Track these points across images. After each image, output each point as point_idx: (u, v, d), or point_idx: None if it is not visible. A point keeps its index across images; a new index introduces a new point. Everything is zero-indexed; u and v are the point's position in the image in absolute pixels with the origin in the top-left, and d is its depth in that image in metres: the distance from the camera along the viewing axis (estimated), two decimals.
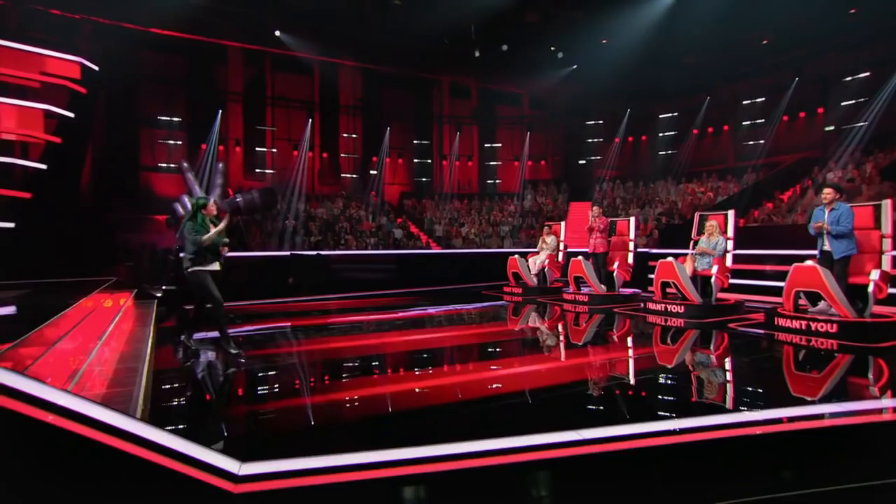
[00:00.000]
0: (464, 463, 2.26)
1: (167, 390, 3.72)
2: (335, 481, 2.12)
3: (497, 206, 18.15)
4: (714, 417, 3.04)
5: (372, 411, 3.49)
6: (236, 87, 16.86)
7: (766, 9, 13.78)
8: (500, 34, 16.31)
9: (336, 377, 4.43)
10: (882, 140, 13.90)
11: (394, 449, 2.37)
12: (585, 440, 2.53)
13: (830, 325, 5.28)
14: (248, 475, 2.16)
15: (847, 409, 3.21)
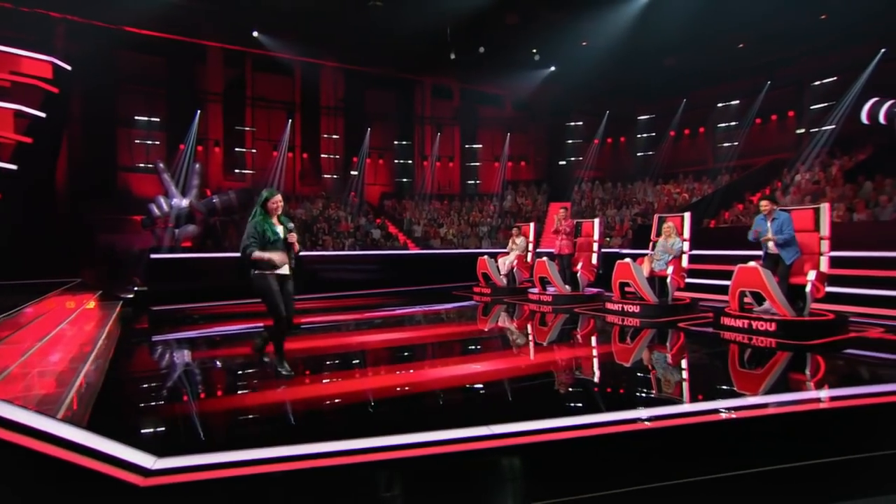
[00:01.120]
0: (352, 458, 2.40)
1: (107, 391, 3.80)
2: (240, 474, 2.24)
3: (476, 207, 18.32)
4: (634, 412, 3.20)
5: (304, 408, 3.62)
6: (216, 87, 16.85)
7: (742, 13, 14.01)
8: (481, 36, 16.46)
9: (278, 377, 4.51)
10: (847, 143, 14.26)
11: (295, 445, 2.50)
12: (495, 434, 2.68)
13: (770, 324, 5.48)
14: (162, 469, 2.28)
15: (747, 403, 3.39)
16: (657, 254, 7.38)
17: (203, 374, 4.70)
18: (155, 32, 14.55)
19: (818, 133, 14.92)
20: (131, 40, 14.34)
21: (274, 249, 3.98)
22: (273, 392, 3.91)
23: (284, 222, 4.16)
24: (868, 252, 8.04)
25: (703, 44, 15.94)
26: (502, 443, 2.59)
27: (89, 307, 7.18)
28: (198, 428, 3.14)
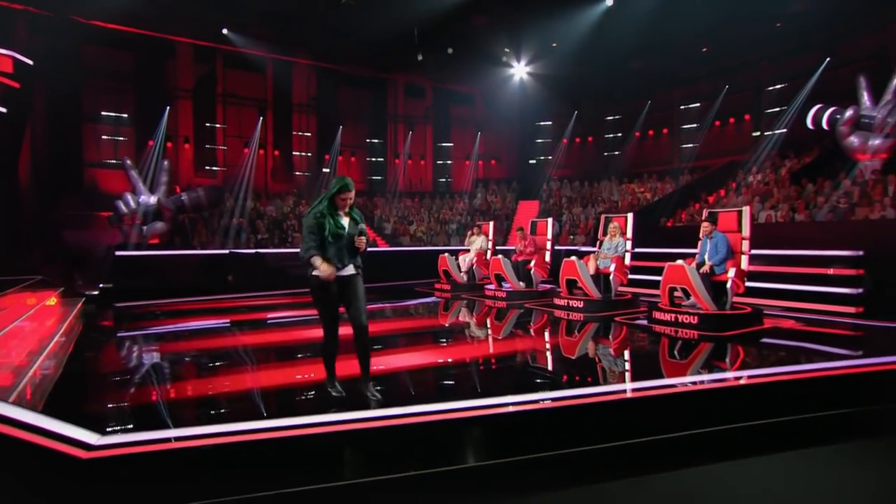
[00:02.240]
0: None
1: (64, 381, 4.05)
2: (170, 448, 2.58)
3: (447, 205, 18.68)
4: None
5: (234, 392, 3.94)
6: (186, 83, 16.84)
7: (705, 19, 14.44)
8: (450, 36, 16.78)
9: (222, 367, 4.80)
10: (797, 146, 15.02)
11: (224, 424, 2.84)
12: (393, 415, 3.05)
13: (692, 318, 5.98)
14: (104, 444, 2.59)
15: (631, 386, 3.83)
16: (602, 252, 7.84)
17: (155, 365, 4.96)
18: (122, 27, 14.52)
19: (770, 136, 15.68)
20: (98, 35, 14.27)
21: (335, 247, 3.40)
22: (217, 380, 4.21)
23: (356, 219, 3.54)
24: (803, 251, 8.60)
25: (668, 48, 16.49)
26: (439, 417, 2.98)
27: (50, 303, 7.33)
28: (143, 411, 3.45)
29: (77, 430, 2.63)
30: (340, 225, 3.44)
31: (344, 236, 3.44)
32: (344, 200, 3.47)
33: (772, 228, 11.56)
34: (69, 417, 2.85)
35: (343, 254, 3.45)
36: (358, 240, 3.46)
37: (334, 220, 3.41)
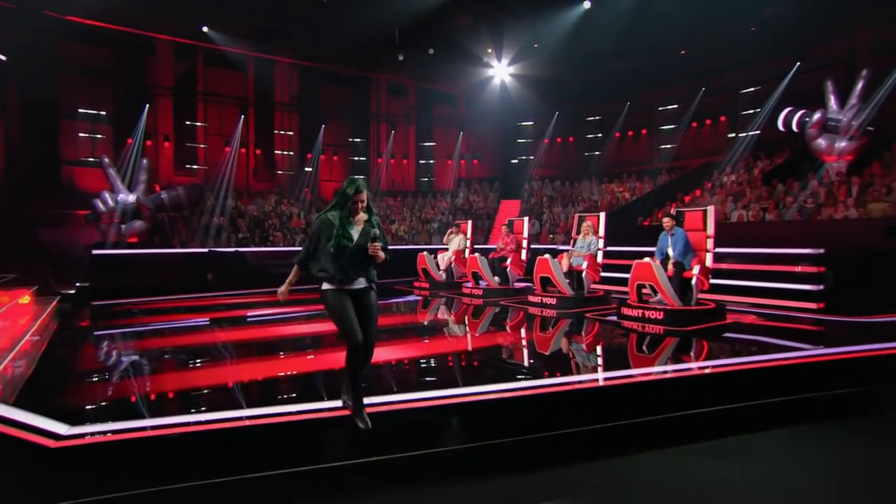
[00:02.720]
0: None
1: (37, 376, 4.11)
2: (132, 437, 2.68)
3: (429, 204, 18.80)
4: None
5: (202, 386, 4.03)
6: (166, 81, 16.72)
7: (683, 22, 14.64)
8: (432, 36, 16.89)
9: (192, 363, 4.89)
10: (769, 147, 15.44)
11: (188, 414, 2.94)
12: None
13: (659, 313, 6.19)
14: (72, 434, 2.69)
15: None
16: (576, 250, 8.04)
17: (127, 361, 5.01)
18: (100, 23, 14.37)
19: (744, 137, 16.08)
20: (74, 30, 14.10)
21: (339, 259, 3.00)
22: (185, 374, 4.30)
23: (370, 224, 3.14)
24: (769, 249, 8.89)
25: (647, 49, 16.77)
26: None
27: (23, 302, 7.31)
28: (112, 405, 3.53)
29: (46, 422, 2.72)
30: (348, 235, 3.04)
31: (349, 247, 3.02)
32: (357, 204, 3.08)
33: (742, 227, 11.90)
34: (40, 410, 2.94)
35: (350, 266, 3.03)
36: (371, 247, 3.01)
37: (343, 228, 3.03)
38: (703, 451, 3.42)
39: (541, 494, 2.77)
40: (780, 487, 2.97)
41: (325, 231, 3.07)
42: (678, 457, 3.31)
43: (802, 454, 3.45)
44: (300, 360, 5.03)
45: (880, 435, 3.78)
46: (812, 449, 3.52)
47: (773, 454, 3.43)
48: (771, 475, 3.13)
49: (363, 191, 3.11)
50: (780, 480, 3.06)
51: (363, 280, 3.12)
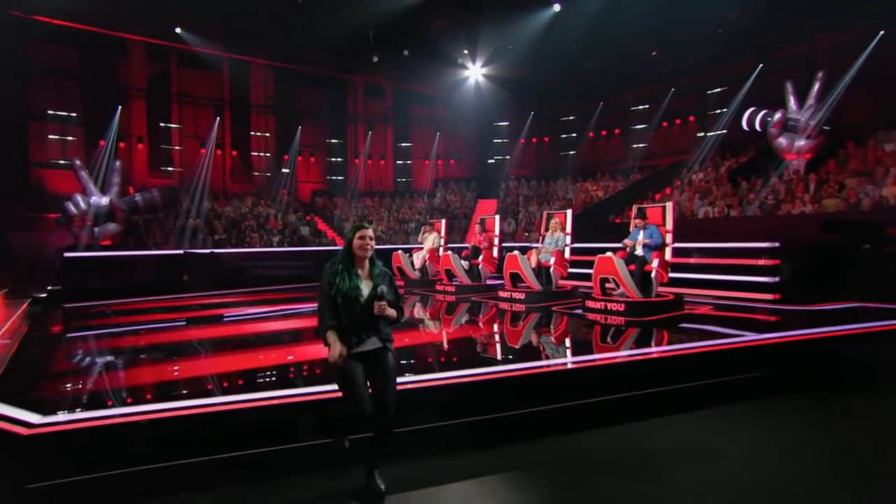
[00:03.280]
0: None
1: (6, 372, 4.18)
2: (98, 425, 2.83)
3: (407, 204, 18.96)
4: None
5: (171, 379, 4.17)
6: (139, 82, 16.57)
7: (652, 23, 14.92)
8: (407, 38, 17.03)
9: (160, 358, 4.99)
10: (735, 146, 15.98)
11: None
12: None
13: (620, 305, 6.48)
14: (44, 423, 2.81)
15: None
16: (544, 247, 8.30)
17: (98, 358, 5.09)
18: (68, 23, 14.20)
19: (711, 137, 16.61)
20: (41, 30, 13.92)
21: (350, 316, 2.67)
22: (155, 369, 4.42)
23: (377, 276, 2.79)
24: (729, 244, 9.28)
25: (620, 50, 17.08)
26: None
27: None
28: (82, 397, 3.64)
29: (19, 412, 2.85)
30: (355, 286, 2.68)
31: (360, 303, 2.68)
32: (363, 248, 2.74)
33: (708, 223, 12.34)
34: (12, 403, 3.05)
35: (362, 324, 2.68)
36: (377, 306, 2.65)
37: (350, 279, 2.68)
38: (647, 427, 3.68)
39: (498, 467, 2.99)
40: (723, 457, 3.23)
41: (331, 281, 2.70)
42: (628, 433, 3.56)
43: (746, 429, 3.73)
44: (270, 354, 5.16)
45: (823, 410, 4.09)
46: (754, 424, 3.81)
47: (716, 428, 3.70)
48: (714, 447, 3.39)
49: (368, 228, 2.82)
50: (723, 451, 3.32)
51: (376, 339, 2.73)
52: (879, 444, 3.46)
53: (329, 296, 2.69)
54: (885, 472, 3.08)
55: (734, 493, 2.77)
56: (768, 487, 2.81)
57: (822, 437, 3.60)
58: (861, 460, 3.22)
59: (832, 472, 3.06)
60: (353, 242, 2.78)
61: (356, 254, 2.77)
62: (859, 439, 3.55)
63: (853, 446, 3.44)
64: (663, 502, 2.69)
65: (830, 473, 3.03)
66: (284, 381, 4.16)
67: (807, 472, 3.04)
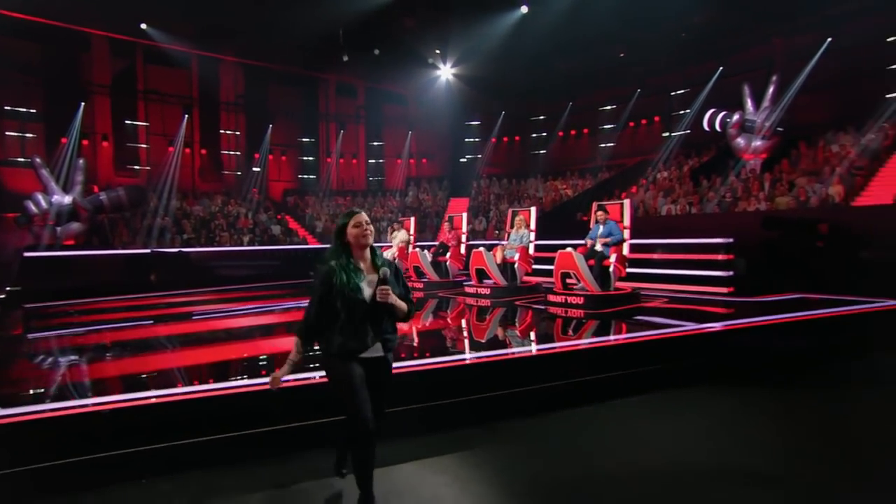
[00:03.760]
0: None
1: None
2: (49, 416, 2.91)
3: (379, 203, 19.02)
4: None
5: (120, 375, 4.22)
6: (103, 78, 16.22)
7: (622, 25, 15.26)
8: (379, 37, 17.09)
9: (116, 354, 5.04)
10: (698, 146, 16.53)
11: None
12: None
13: (579, 298, 6.72)
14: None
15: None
16: (509, 243, 8.51)
17: (55, 354, 5.08)
18: (28, 16, 13.82)
19: (675, 137, 17.14)
20: (2, 24, 13.49)
21: (350, 318, 2.30)
22: (113, 364, 4.46)
23: (380, 264, 2.39)
24: (687, 239, 9.64)
25: (588, 52, 17.42)
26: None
27: None
28: (38, 390, 3.68)
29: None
30: (354, 285, 2.30)
31: (363, 302, 2.32)
32: (362, 236, 2.36)
33: (670, 220, 12.77)
34: None
35: (365, 327, 2.32)
36: (380, 291, 2.29)
37: (347, 275, 2.30)
38: (585, 412, 3.89)
39: (448, 449, 3.16)
40: (662, 439, 3.46)
41: (326, 280, 2.31)
42: (576, 417, 3.77)
43: (686, 413, 3.98)
44: (232, 348, 5.22)
45: (749, 395, 4.38)
46: (692, 408, 4.06)
47: (650, 413, 3.94)
48: (657, 429, 3.63)
49: (361, 215, 2.41)
50: (665, 433, 3.56)
51: (380, 346, 2.38)
52: (806, 424, 3.75)
53: (318, 295, 2.29)
54: (810, 449, 3.35)
55: (666, 473, 2.99)
56: (700, 468, 3.04)
57: (749, 422, 3.87)
58: (787, 438, 3.49)
59: (761, 451, 3.31)
60: (346, 231, 2.37)
61: (353, 244, 2.37)
62: (785, 421, 3.84)
63: (781, 427, 3.72)
64: (596, 479, 2.89)
65: (758, 453, 3.29)
66: (246, 372, 4.25)
67: (737, 451, 3.29)
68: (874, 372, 5.02)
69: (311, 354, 2.74)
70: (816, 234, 8.67)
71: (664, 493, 2.70)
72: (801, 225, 9.04)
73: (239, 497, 2.73)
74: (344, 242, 2.38)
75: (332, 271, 2.31)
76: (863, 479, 2.86)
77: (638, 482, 2.82)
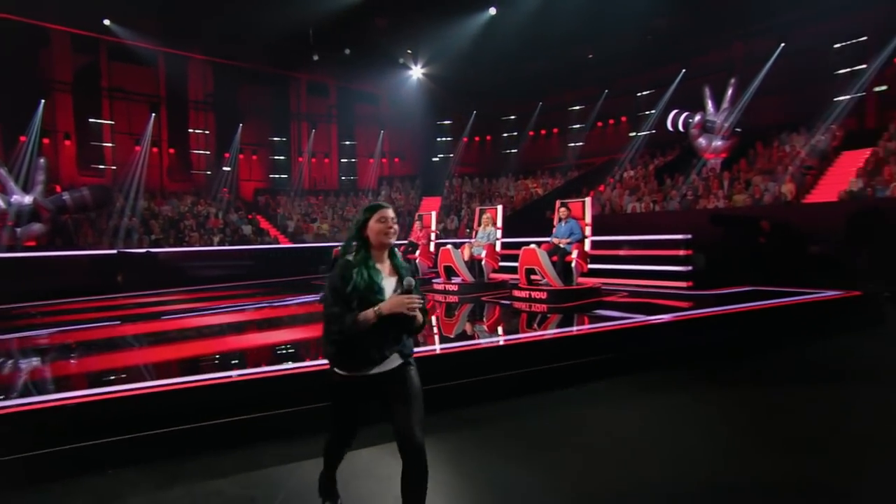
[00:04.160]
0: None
1: None
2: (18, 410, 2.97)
3: (351, 202, 19.04)
4: None
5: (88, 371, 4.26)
6: (64, 75, 15.82)
7: (590, 26, 15.40)
8: (350, 37, 17.09)
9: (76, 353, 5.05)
10: (662, 145, 17.06)
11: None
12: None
13: (542, 293, 6.96)
14: None
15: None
16: (476, 241, 8.70)
17: (10, 356, 5.06)
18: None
19: (641, 136, 17.65)
20: None
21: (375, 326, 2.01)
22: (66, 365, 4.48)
23: (400, 267, 2.16)
24: (649, 236, 9.99)
25: (557, 53, 17.74)
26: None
27: None
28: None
29: None
30: (377, 286, 2.06)
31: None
32: (385, 234, 2.08)
33: (635, 217, 13.19)
34: None
35: (384, 335, 2.06)
36: (408, 303, 2.02)
37: (368, 274, 2.05)
38: (543, 398, 4.11)
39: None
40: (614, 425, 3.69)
41: (346, 278, 2.03)
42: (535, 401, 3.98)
43: (638, 398, 4.22)
44: (195, 345, 5.27)
45: (696, 382, 4.66)
46: (638, 396, 4.31)
47: (601, 401, 4.17)
48: (600, 414, 3.85)
49: (386, 210, 2.11)
50: (617, 419, 3.78)
51: (397, 356, 2.12)
52: (750, 411, 4.04)
53: (345, 295, 2.00)
54: (751, 433, 3.62)
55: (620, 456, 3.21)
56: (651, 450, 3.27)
57: (696, 407, 4.14)
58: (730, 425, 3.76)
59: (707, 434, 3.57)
60: (367, 226, 2.10)
61: (373, 243, 2.09)
62: (731, 408, 4.12)
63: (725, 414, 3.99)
64: (540, 459, 3.10)
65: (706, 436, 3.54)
66: (210, 367, 4.32)
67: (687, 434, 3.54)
68: (810, 359, 5.38)
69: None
70: (759, 231, 9.14)
71: (598, 466, 2.92)
72: (745, 222, 9.50)
73: (203, 482, 2.83)
74: (363, 237, 2.11)
75: (351, 266, 2.04)
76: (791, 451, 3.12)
77: (581, 459, 3.03)
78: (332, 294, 2.04)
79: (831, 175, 11.30)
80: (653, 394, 4.27)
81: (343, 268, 2.05)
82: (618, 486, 2.75)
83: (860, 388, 4.43)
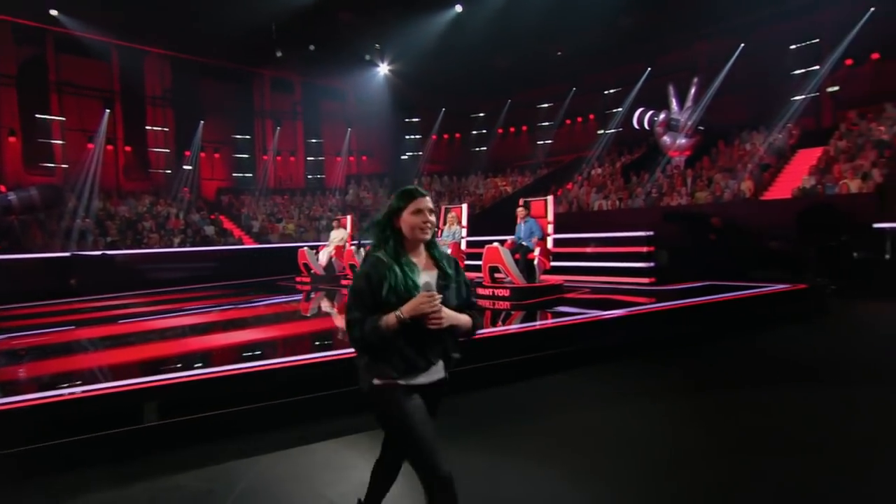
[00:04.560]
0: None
1: None
2: None
3: (318, 201, 18.68)
4: None
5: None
6: (7, 68, 14.98)
7: (556, 24, 15.35)
8: (314, 32, 16.71)
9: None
10: (629, 143, 17.25)
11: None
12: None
13: (505, 291, 6.89)
14: None
15: None
16: (442, 239, 8.57)
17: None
18: None
19: (608, 134, 17.82)
20: None
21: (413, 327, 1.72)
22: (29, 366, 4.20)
23: (440, 259, 1.86)
24: (612, 233, 10.04)
25: (525, 50, 17.69)
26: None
27: None
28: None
29: None
30: (412, 282, 1.75)
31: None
32: (421, 229, 1.79)
33: (601, 214, 13.27)
34: None
35: (426, 340, 1.77)
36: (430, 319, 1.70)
37: (403, 271, 1.75)
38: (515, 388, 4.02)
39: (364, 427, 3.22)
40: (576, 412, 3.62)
41: (379, 278, 1.74)
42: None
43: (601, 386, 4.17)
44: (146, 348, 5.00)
45: (651, 376, 4.65)
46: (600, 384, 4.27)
47: (563, 389, 4.11)
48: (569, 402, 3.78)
49: (423, 198, 1.83)
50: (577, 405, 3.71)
51: (441, 366, 1.85)
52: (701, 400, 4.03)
53: (377, 297, 1.72)
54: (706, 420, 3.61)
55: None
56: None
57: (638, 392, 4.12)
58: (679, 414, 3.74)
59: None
60: (399, 217, 1.81)
61: (408, 236, 1.81)
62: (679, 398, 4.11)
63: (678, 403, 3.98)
64: (486, 444, 3.11)
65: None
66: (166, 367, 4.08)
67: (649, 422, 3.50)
68: (759, 349, 5.49)
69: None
70: (710, 227, 9.30)
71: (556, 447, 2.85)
72: (697, 218, 9.66)
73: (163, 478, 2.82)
74: (395, 229, 1.81)
75: (382, 266, 1.74)
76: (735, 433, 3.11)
77: (533, 441, 2.99)
78: (352, 296, 1.76)
79: (788, 173, 11.59)
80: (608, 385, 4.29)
81: (373, 266, 1.75)
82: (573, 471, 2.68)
83: (802, 375, 4.55)
